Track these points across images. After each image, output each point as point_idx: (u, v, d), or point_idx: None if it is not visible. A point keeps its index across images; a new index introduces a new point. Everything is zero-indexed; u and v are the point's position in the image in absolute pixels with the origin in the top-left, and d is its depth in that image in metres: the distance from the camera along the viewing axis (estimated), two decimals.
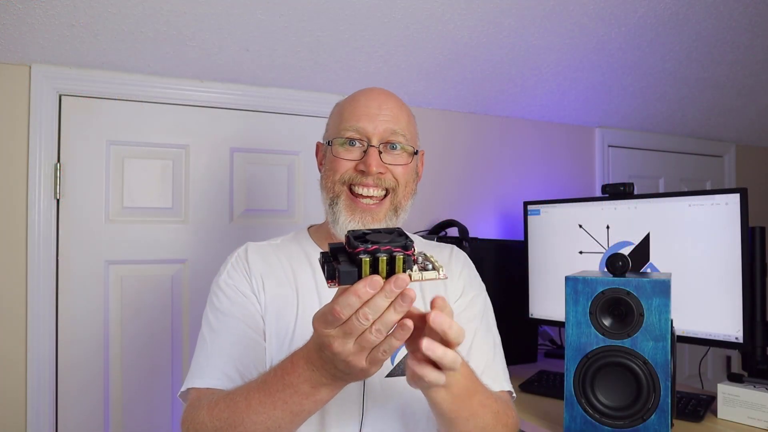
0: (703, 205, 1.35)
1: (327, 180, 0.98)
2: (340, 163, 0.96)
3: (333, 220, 0.96)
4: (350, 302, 0.56)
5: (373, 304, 0.56)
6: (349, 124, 0.96)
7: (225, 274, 0.99)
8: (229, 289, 0.97)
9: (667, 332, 0.98)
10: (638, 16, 1.66)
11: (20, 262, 1.49)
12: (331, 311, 0.57)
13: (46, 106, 1.51)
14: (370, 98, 0.98)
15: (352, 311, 0.57)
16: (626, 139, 2.46)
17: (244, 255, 1.01)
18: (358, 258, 0.54)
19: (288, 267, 1.00)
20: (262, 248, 1.03)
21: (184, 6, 1.37)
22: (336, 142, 0.97)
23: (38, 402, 1.49)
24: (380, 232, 0.58)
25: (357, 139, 0.96)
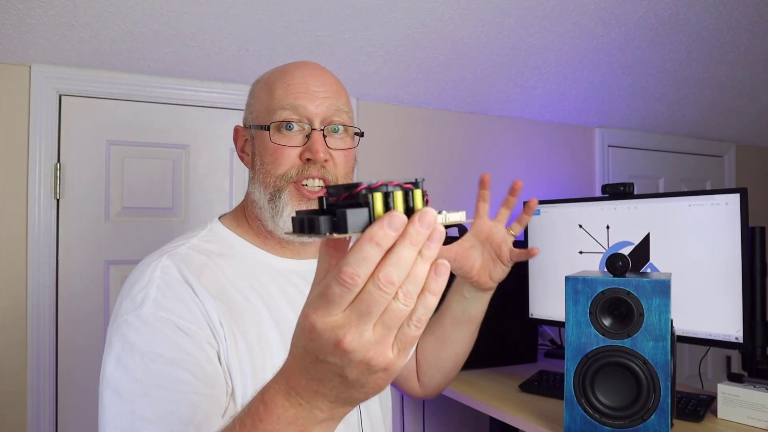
0: (703, 205, 1.35)
1: (266, 174, 0.82)
2: (282, 153, 0.80)
3: (274, 215, 0.81)
4: (366, 255, 0.37)
5: (396, 257, 0.37)
6: (286, 104, 0.81)
7: (151, 304, 0.69)
8: (168, 329, 0.68)
9: (667, 332, 0.98)
10: (638, 16, 1.66)
11: (20, 262, 1.49)
12: (339, 279, 0.37)
13: (46, 106, 1.51)
14: (306, 73, 0.83)
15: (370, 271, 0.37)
16: (626, 139, 2.46)
17: (180, 280, 0.74)
18: (366, 195, 0.38)
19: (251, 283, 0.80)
20: (198, 262, 0.77)
21: (184, 6, 1.37)
22: (272, 127, 0.81)
23: (38, 402, 1.49)
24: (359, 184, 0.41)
25: (296, 122, 0.81)
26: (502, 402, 1.35)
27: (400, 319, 0.39)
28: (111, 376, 0.68)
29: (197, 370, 0.68)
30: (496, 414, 1.33)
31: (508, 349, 1.75)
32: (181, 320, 0.70)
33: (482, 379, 1.56)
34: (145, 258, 0.79)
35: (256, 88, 0.87)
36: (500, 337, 1.73)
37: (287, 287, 0.83)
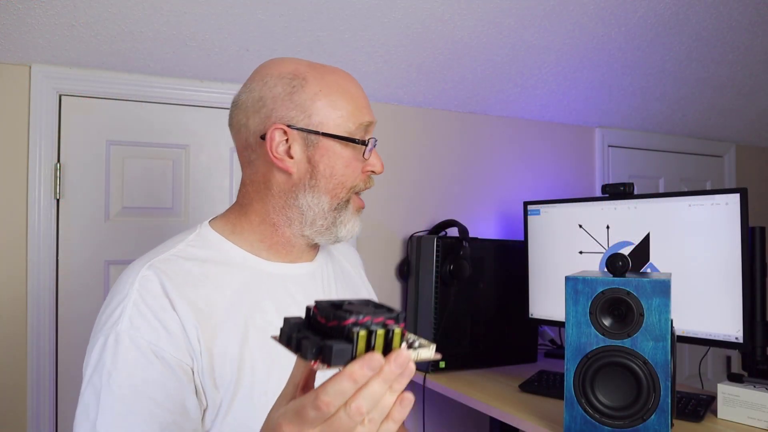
0: (703, 205, 1.35)
1: (338, 186, 0.81)
2: (353, 167, 0.81)
3: (337, 223, 0.82)
4: (343, 389, 0.42)
5: (368, 391, 0.42)
6: (361, 119, 0.81)
7: (127, 321, 0.70)
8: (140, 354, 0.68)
9: (667, 332, 0.98)
10: (638, 16, 1.66)
11: (20, 262, 1.49)
12: (315, 404, 0.42)
13: (46, 106, 1.51)
14: (359, 86, 0.84)
15: (344, 401, 0.42)
16: (626, 139, 2.46)
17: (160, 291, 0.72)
18: (351, 331, 0.42)
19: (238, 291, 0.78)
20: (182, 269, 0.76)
21: (184, 6, 1.37)
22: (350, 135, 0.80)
23: (38, 402, 1.49)
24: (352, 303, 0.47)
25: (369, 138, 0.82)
26: (502, 402, 1.36)
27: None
28: (84, 391, 0.69)
29: (162, 396, 0.68)
30: (496, 414, 1.33)
31: (508, 349, 1.75)
32: (154, 341, 0.69)
33: (482, 379, 1.56)
34: (131, 264, 0.78)
35: (304, 87, 0.79)
36: (500, 337, 1.73)
37: (277, 292, 0.81)
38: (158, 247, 0.81)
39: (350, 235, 0.84)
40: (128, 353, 0.68)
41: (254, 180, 0.84)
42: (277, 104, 0.79)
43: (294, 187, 0.81)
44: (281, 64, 0.83)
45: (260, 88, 0.81)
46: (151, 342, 0.69)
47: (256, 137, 0.81)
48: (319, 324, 0.45)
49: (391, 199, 1.94)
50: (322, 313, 0.45)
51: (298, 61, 0.83)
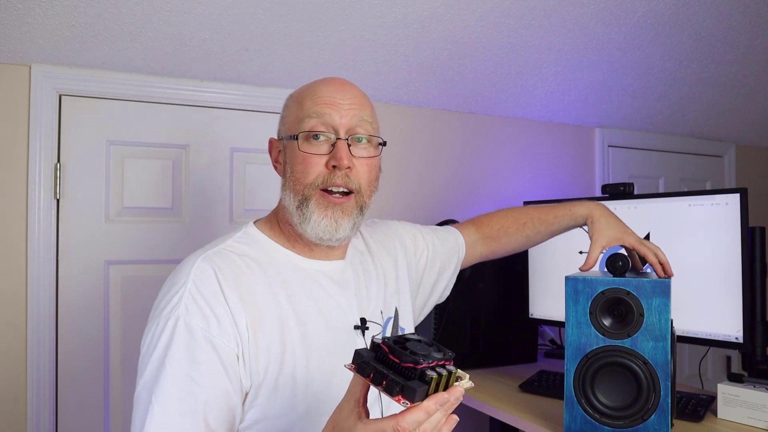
0: (703, 205, 1.35)
1: (295, 182, 0.89)
2: (310, 162, 0.87)
3: (302, 220, 0.88)
4: (419, 419, 0.56)
5: (433, 418, 0.58)
6: (313, 113, 0.87)
7: (183, 308, 0.78)
8: (193, 339, 0.77)
9: (667, 332, 0.98)
10: (638, 16, 1.66)
11: (20, 262, 1.49)
12: (395, 429, 0.56)
13: (46, 106, 1.51)
14: (332, 87, 0.90)
15: (417, 427, 0.57)
16: (626, 139, 2.46)
17: (214, 281, 0.81)
18: (427, 375, 0.57)
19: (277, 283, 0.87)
20: (232, 263, 0.85)
21: (184, 6, 1.37)
22: (300, 136, 0.87)
23: (38, 402, 1.49)
24: (410, 340, 0.61)
25: (322, 132, 0.87)
26: (502, 402, 1.36)
27: None
28: (146, 368, 0.77)
29: (208, 378, 0.76)
30: (496, 414, 1.33)
31: (508, 349, 1.75)
32: (205, 327, 0.78)
33: (482, 379, 1.56)
34: (186, 257, 0.87)
35: (288, 103, 0.94)
36: (500, 337, 1.73)
37: (312, 286, 0.90)
38: (210, 244, 0.90)
39: (323, 236, 0.88)
40: (183, 337, 0.77)
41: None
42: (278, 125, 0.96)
43: (282, 189, 0.93)
44: None
45: None
46: (203, 327, 0.77)
47: None
48: (392, 362, 0.58)
49: (390, 198, 1.94)
50: (394, 353, 0.58)
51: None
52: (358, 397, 0.61)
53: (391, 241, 1.12)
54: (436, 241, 1.19)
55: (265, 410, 0.81)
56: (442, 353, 0.60)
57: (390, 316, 1.01)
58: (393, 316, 1.02)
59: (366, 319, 0.95)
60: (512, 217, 1.25)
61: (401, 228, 1.17)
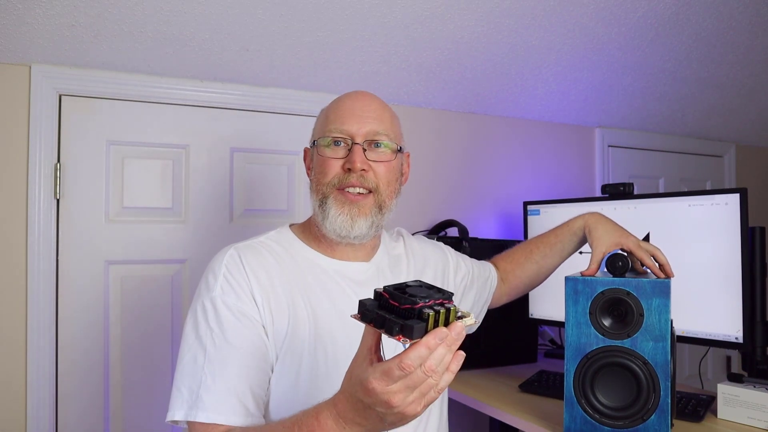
0: (703, 205, 1.35)
1: (317, 183, 0.99)
2: (328, 164, 0.98)
3: (323, 218, 0.97)
4: (421, 354, 0.59)
5: (437, 353, 0.60)
6: (333, 126, 0.98)
7: (219, 289, 0.91)
8: (231, 314, 0.89)
9: (667, 332, 0.98)
10: (638, 16, 1.66)
11: (20, 262, 1.50)
12: (400, 366, 0.59)
13: (46, 106, 1.51)
14: (354, 100, 1.01)
15: (421, 363, 0.60)
16: (626, 139, 2.46)
17: (240, 266, 0.94)
18: (423, 312, 0.59)
19: (294, 276, 0.97)
20: (259, 253, 0.97)
21: (184, 6, 1.37)
22: (321, 143, 0.99)
23: (38, 402, 1.49)
24: (410, 285, 0.64)
25: (341, 139, 0.97)
26: (502, 402, 1.36)
27: (430, 388, 0.63)
28: (192, 345, 0.89)
29: (249, 345, 0.88)
30: (496, 414, 1.33)
31: (508, 349, 1.75)
32: (239, 302, 0.90)
33: (482, 379, 1.56)
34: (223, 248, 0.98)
35: (318, 116, 1.06)
36: (500, 337, 1.73)
37: (329, 283, 0.98)
38: (246, 239, 1.01)
39: (340, 231, 0.97)
40: (223, 312, 0.89)
41: None
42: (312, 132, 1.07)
43: (309, 191, 1.03)
44: None
45: None
46: (237, 304, 0.90)
47: None
48: (392, 306, 0.61)
49: None
50: (394, 298, 0.61)
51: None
52: (370, 345, 0.66)
53: (435, 253, 1.19)
54: (474, 267, 1.27)
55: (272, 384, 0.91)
56: (442, 293, 0.63)
57: None
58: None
59: None
60: (519, 249, 1.34)
61: (446, 248, 1.26)
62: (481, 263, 1.30)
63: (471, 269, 1.25)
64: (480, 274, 1.27)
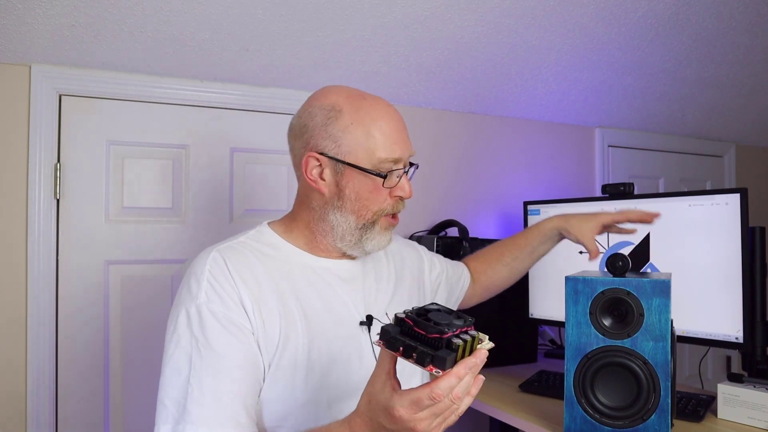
0: (703, 205, 1.35)
1: (363, 209, 0.92)
2: (383, 194, 0.92)
3: (364, 239, 0.94)
4: (451, 384, 0.62)
5: (463, 381, 0.63)
6: (389, 155, 0.91)
7: (204, 296, 0.85)
8: (217, 323, 0.83)
9: (667, 332, 0.98)
10: (638, 16, 1.66)
11: (20, 262, 1.49)
12: (431, 396, 0.62)
13: (46, 106, 1.51)
14: (394, 119, 0.94)
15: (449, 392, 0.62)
16: (626, 139, 2.46)
17: (225, 271, 0.88)
18: (454, 343, 0.62)
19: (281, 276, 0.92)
20: (242, 255, 0.91)
21: (184, 6, 1.37)
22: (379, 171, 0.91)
23: (38, 401, 1.49)
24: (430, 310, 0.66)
25: (397, 170, 0.93)
26: (502, 402, 1.36)
27: (452, 413, 0.66)
28: (173, 353, 0.83)
29: (238, 354, 0.83)
30: (496, 414, 1.33)
31: (508, 349, 1.75)
32: (226, 310, 0.85)
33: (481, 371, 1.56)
34: (202, 251, 0.94)
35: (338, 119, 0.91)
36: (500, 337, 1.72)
37: (317, 281, 0.95)
38: (226, 239, 0.97)
39: (378, 249, 0.96)
40: (209, 321, 0.84)
41: (300, 193, 0.99)
42: (315, 133, 0.92)
43: (326, 205, 0.94)
44: (326, 94, 0.94)
45: (305, 116, 0.94)
46: (225, 312, 0.84)
47: (299, 159, 0.95)
48: (417, 334, 0.62)
49: None
50: (419, 326, 0.62)
51: (340, 92, 0.94)
52: (388, 370, 0.67)
53: (410, 254, 1.18)
54: (448, 266, 1.26)
55: (265, 392, 0.86)
56: (463, 320, 0.65)
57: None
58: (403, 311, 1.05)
59: (372, 316, 0.98)
60: (491, 251, 1.35)
61: (420, 247, 1.25)
62: (455, 263, 1.30)
63: (445, 268, 1.25)
64: (453, 273, 1.27)
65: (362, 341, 0.96)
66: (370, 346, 0.96)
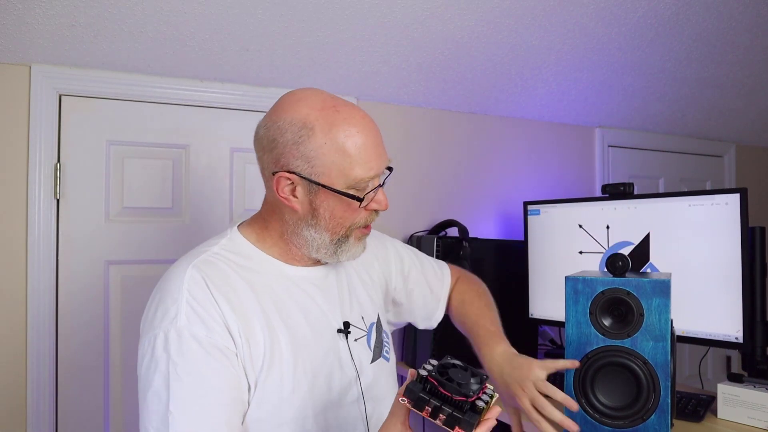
0: (703, 205, 1.35)
1: (337, 226, 0.89)
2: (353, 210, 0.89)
3: (337, 251, 0.91)
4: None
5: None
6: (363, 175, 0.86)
7: (184, 318, 0.79)
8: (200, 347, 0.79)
9: (667, 332, 0.98)
10: (638, 16, 1.66)
11: (20, 262, 1.49)
12: None
13: (46, 106, 1.51)
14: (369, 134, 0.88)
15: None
16: (626, 139, 2.46)
17: (206, 290, 0.82)
18: (478, 406, 0.67)
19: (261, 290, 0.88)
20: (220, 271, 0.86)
21: (184, 6, 1.37)
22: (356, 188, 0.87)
23: (38, 402, 1.49)
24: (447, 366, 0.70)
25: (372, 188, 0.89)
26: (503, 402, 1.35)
27: None
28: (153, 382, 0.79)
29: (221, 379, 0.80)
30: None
31: None
32: (209, 333, 0.80)
33: None
34: (172, 266, 0.88)
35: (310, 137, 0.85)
36: None
37: (296, 292, 0.92)
38: (194, 250, 0.91)
39: (353, 258, 0.94)
40: (190, 345, 0.79)
41: (271, 202, 0.93)
42: (286, 150, 0.86)
43: (299, 221, 0.90)
44: (296, 106, 0.88)
45: (274, 130, 0.87)
46: (206, 334, 0.80)
47: (268, 173, 0.89)
48: (442, 394, 0.67)
49: (391, 199, 1.93)
50: (443, 386, 0.67)
51: (312, 104, 0.87)
52: (404, 421, 0.72)
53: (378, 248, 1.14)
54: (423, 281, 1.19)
55: (252, 412, 0.83)
56: (479, 377, 0.69)
57: (373, 322, 1.03)
58: (375, 322, 1.04)
59: (349, 323, 0.97)
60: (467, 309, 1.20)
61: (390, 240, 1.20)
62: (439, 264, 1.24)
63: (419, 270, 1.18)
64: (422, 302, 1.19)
65: (341, 348, 0.94)
66: (348, 354, 0.95)
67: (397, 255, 1.17)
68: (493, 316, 1.15)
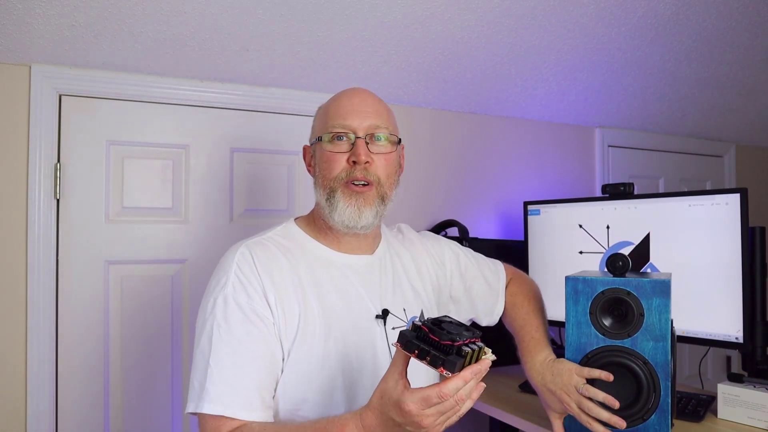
0: (703, 205, 1.35)
1: (323, 179, 1.02)
2: (334, 159, 1.00)
3: (330, 210, 1.00)
4: (458, 386, 0.71)
5: (468, 385, 0.72)
6: (335, 122, 1.01)
7: (231, 287, 0.94)
8: (241, 312, 0.92)
9: (667, 332, 0.98)
10: (638, 16, 1.66)
11: (20, 262, 1.49)
12: (439, 395, 0.71)
13: (46, 106, 1.51)
14: (352, 96, 1.04)
15: (455, 393, 0.71)
16: (626, 139, 2.46)
17: (252, 265, 0.96)
18: (464, 350, 0.71)
19: (303, 271, 1.00)
20: (268, 251, 1.00)
21: (184, 6, 1.37)
22: (324, 138, 1.02)
23: (38, 402, 1.49)
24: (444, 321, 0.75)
25: (344, 134, 1.00)
26: (502, 402, 1.36)
27: (454, 413, 0.75)
28: (201, 337, 0.93)
29: (258, 343, 0.91)
30: (496, 414, 1.33)
31: (508, 349, 1.74)
32: (250, 301, 0.93)
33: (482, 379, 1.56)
34: (231, 246, 1.02)
35: (317, 114, 1.09)
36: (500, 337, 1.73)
37: (336, 275, 1.02)
38: (255, 235, 1.05)
39: (348, 222, 1.00)
40: (233, 310, 0.92)
41: None
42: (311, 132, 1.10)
43: (315, 186, 1.06)
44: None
45: None
46: (248, 302, 0.93)
47: None
48: (431, 340, 0.72)
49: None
50: (433, 333, 0.72)
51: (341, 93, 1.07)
52: (401, 370, 0.75)
53: (434, 248, 1.21)
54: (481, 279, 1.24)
55: (285, 378, 0.93)
56: (471, 332, 0.74)
57: (414, 316, 1.07)
58: (418, 317, 1.08)
59: (388, 311, 1.03)
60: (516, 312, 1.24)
61: (449, 243, 1.26)
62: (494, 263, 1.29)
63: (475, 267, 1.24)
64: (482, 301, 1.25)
65: (376, 333, 1.01)
66: (384, 339, 1.01)
67: (453, 253, 1.23)
68: (539, 322, 1.18)
